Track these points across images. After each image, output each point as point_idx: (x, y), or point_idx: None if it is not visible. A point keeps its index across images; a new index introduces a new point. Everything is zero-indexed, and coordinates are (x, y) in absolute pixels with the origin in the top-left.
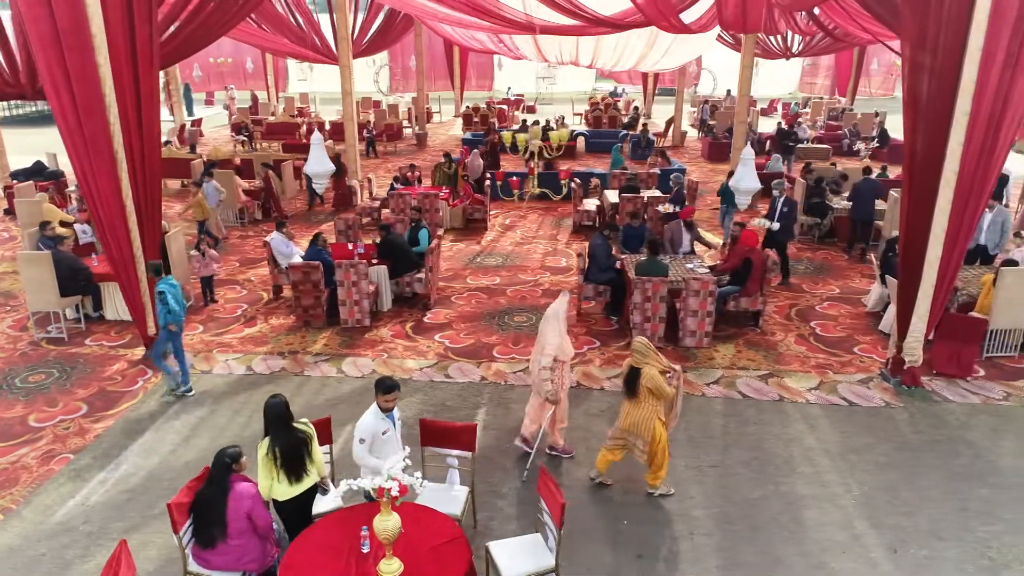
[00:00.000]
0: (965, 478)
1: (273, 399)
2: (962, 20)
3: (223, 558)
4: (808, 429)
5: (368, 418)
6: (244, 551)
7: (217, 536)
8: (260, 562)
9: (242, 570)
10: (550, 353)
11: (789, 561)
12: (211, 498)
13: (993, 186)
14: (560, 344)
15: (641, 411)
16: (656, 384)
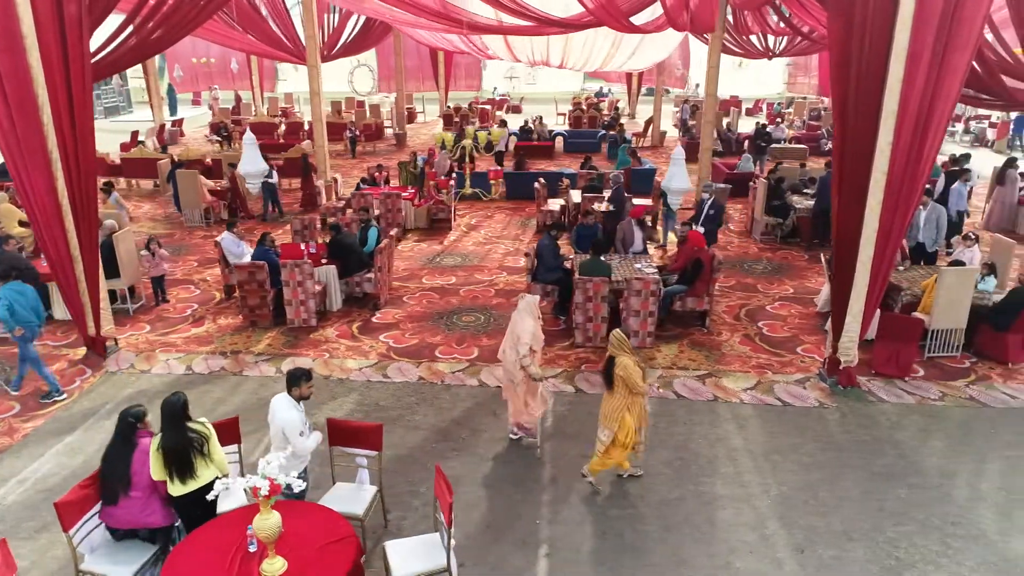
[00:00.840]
0: (886, 478)
1: (171, 397)
2: (886, 19)
3: (125, 512)
4: (737, 429)
5: (290, 411)
6: (146, 505)
7: (120, 490)
8: (164, 518)
9: (145, 525)
10: (526, 342)
11: (695, 561)
12: (116, 454)
13: (923, 185)
14: (535, 333)
15: (613, 401)
16: (628, 374)
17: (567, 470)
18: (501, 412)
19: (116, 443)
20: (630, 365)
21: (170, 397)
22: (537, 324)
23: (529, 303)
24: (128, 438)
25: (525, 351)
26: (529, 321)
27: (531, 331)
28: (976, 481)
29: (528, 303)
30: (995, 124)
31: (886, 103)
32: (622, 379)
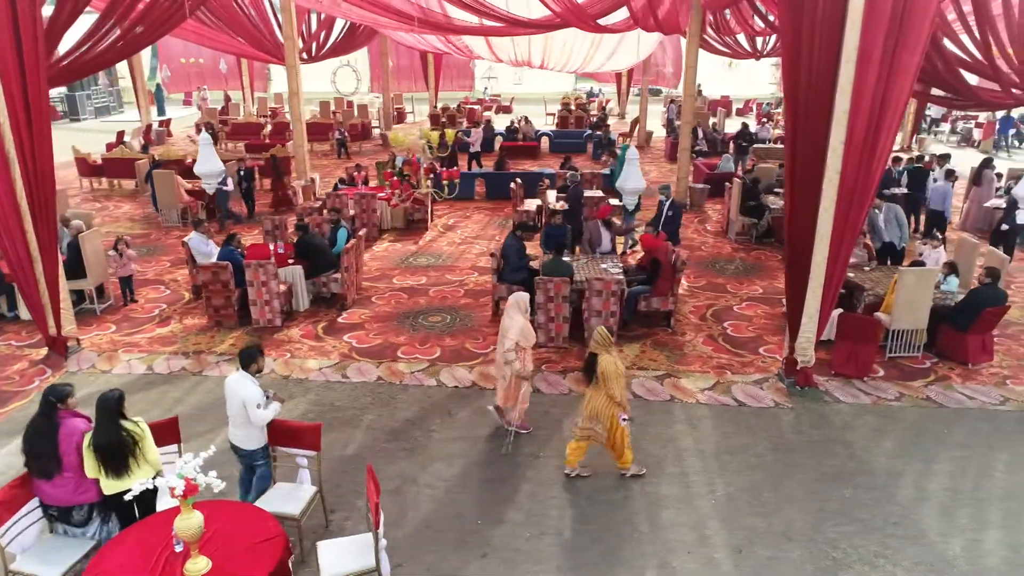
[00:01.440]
0: (833, 479)
1: (107, 393)
2: (837, 19)
3: (61, 490)
4: (689, 430)
5: (249, 385)
6: (79, 483)
7: (53, 470)
8: (99, 494)
9: (81, 503)
10: (512, 338)
11: (633, 562)
12: (35, 431)
13: (876, 185)
14: (522, 329)
15: (600, 397)
16: (607, 375)
17: (516, 471)
18: (456, 412)
19: (36, 419)
20: (611, 363)
21: (105, 393)
22: (527, 321)
23: (518, 300)
24: (48, 415)
25: (510, 346)
26: (518, 318)
27: (519, 327)
28: (923, 481)
29: (517, 300)
30: (981, 124)
31: (838, 103)
32: (604, 375)
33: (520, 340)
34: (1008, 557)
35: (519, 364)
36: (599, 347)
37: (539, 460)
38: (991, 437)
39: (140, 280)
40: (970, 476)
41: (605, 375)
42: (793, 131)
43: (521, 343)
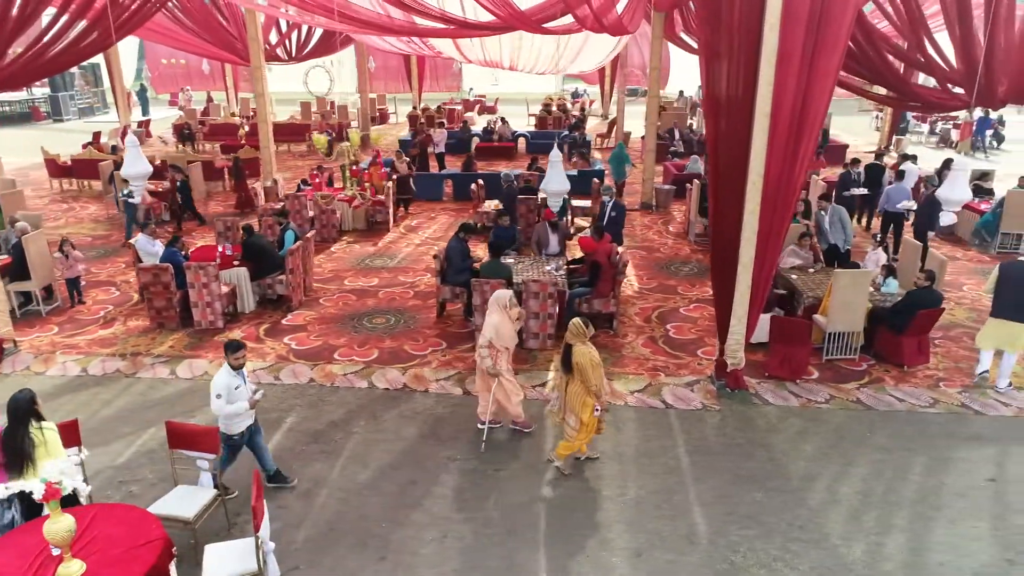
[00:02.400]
0: (747, 482)
1: (18, 394)
2: (755, 21)
3: None
4: (612, 432)
5: (222, 376)
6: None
7: None
8: None
9: None
10: (486, 334)
11: (529, 565)
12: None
13: (800, 187)
14: (497, 326)
15: (575, 387)
16: (583, 361)
17: (430, 474)
18: (382, 414)
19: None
20: (586, 354)
21: (16, 394)
22: (504, 318)
23: (497, 297)
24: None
25: (483, 343)
26: (495, 315)
27: (494, 325)
28: (836, 485)
29: (496, 297)
30: (959, 125)
31: (759, 105)
32: (579, 366)
33: (493, 338)
34: (907, 561)
35: (490, 361)
36: (574, 338)
37: (455, 463)
38: (913, 440)
39: (93, 281)
40: (885, 479)
41: (580, 366)
42: (715, 133)
43: (495, 341)
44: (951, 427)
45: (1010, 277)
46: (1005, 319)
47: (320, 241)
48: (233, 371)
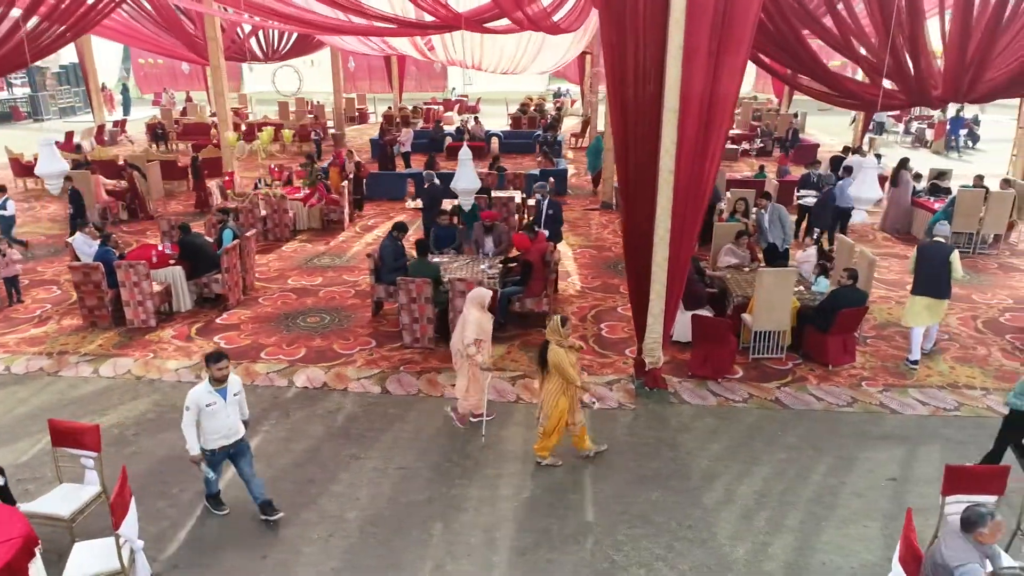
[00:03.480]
0: (647, 481)
1: None
2: (659, 17)
3: None
4: (523, 431)
5: (197, 389)
6: None
7: None
8: None
9: None
10: (471, 333)
11: (410, 565)
12: None
13: (711, 183)
14: (479, 322)
15: (550, 384)
16: (558, 360)
17: (328, 472)
18: (295, 412)
19: None
20: (561, 352)
21: None
22: (483, 315)
23: (475, 294)
24: None
25: (470, 340)
26: (474, 312)
27: (475, 321)
28: (735, 484)
29: (474, 294)
30: (933, 125)
31: (667, 102)
32: (555, 365)
33: (479, 334)
34: (790, 561)
35: (481, 356)
36: (549, 334)
37: (357, 461)
38: (823, 439)
39: (37, 280)
40: (786, 479)
41: (554, 364)
42: (623, 131)
43: (479, 336)
44: (864, 426)
45: (926, 257)
46: (923, 295)
47: (274, 240)
48: (213, 386)
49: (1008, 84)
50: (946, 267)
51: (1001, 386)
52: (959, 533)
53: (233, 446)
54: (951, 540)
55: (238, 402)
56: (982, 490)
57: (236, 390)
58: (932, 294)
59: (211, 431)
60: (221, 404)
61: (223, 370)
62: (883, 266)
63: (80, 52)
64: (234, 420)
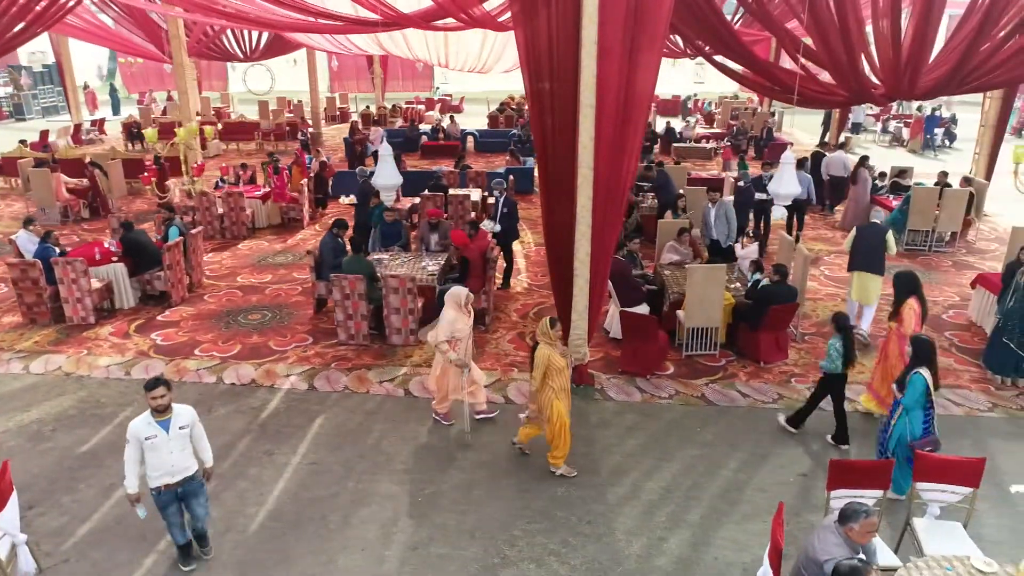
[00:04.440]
0: (555, 476)
1: None
2: (571, 13)
3: None
4: (439, 427)
5: (137, 419)
6: None
7: None
8: None
9: None
10: (444, 330)
11: (301, 559)
12: None
13: (631, 179)
14: (453, 321)
15: (545, 391)
16: (538, 359)
17: (239, 468)
18: (218, 409)
19: None
20: (544, 355)
21: None
22: (459, 314)
23: (451, 293)
24: None
25: (442, 338)
26: (449, 312)
27: (450, 320)
28: (643, 480)
29: (450, 293)
30: (910, 124)
31: (584, 98)
32: (536, 366)
33: (452, 333)
34: (683, 556)
35: (452, 354)
36: (541, 336)
37: (270, 457)
38: (740, 435)
39: None
40: (694, 475)
41: (536, 361)
42: (541, 130)
43: (455, 334)
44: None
45: (863, 236)
46: (859, 271)
47: (231, 238)
48: (154, 417)
49: (948, 81)
50: (882, 245)
51: None
52: (833, 527)
53: (180, 485)
54: (823, 534)
55: (188, 436)
56: (866, 485)
57: (184, 423)
58: (868, 270)
59: (153, 467)
60: (163, 438)
61: (158, 399)
62: (837, 264)
63: (57, 51)
64: (180, 457)
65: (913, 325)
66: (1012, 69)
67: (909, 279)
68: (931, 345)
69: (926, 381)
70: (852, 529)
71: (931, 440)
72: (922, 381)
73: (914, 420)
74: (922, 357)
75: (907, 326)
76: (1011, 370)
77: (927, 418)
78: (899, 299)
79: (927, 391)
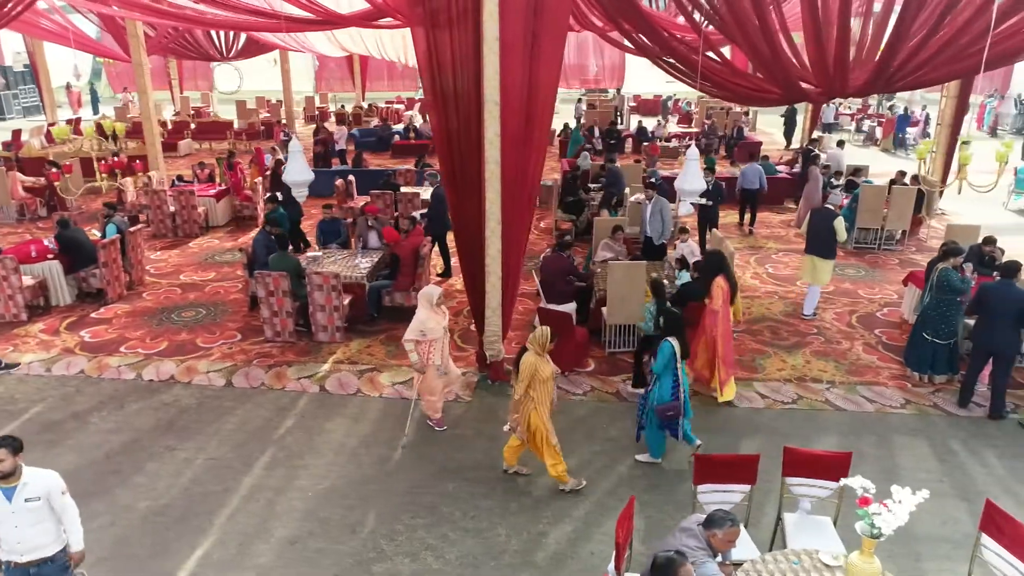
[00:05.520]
0: (450, 472)
1: None
2: (471, 10)
3: None
4: (350, 423)
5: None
6: None
7: None
8: None
9: None
10: (413, 329)
11: (176, 552)
12: None
13: (539, 174)
14: (424, 321)
15: (526, 402)
16: (525, 371)
17: (135, 463)
18: (130, 405)
19: None
20: (529, 363)
21: None
22: (431, 314)
23: (424, 293)
24: None
25: (409, 337)
26: (421, 311)
27: (421, 320)
28: (538, 477)
29: (423, 293)
30: (882, 123)
31: (487, 94)
32: (521, 370)
33: (420, 333)
34: (559, 551)
35: (415, 355)
36: (530, 343)
37: (171, 452)
38: None
39: None
40: (590, 470)
41: (521, 368)
42: (445, 127)
43: (428, 335)
44: (694, 419)
45: (815, 222)
46: (812, 255)
47: (183, 236)
48: None
49: (876, 80)
50: (831, 232)
51: (850, 380)
52: (696, 530)
53: (34, 565)
54: (683, 536)
55: (43, 511)
56: (733, 479)
57: (34, 494)
58: (819, 254)
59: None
60: (5, 509)
61: None
62: (781, 262)
63: (31, 51)
64: (31, 533)
65: (720, 301)
66: (938, 67)
67: (716, 260)
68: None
69: (672, 348)
70: (715, 535)
71: (672, 406)
72: (669, 347)
73: (664, 386)
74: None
75: (716, 302)
76: (927, 367)
77: (674, 384)
78: (708, 278)
79: (673, 356)
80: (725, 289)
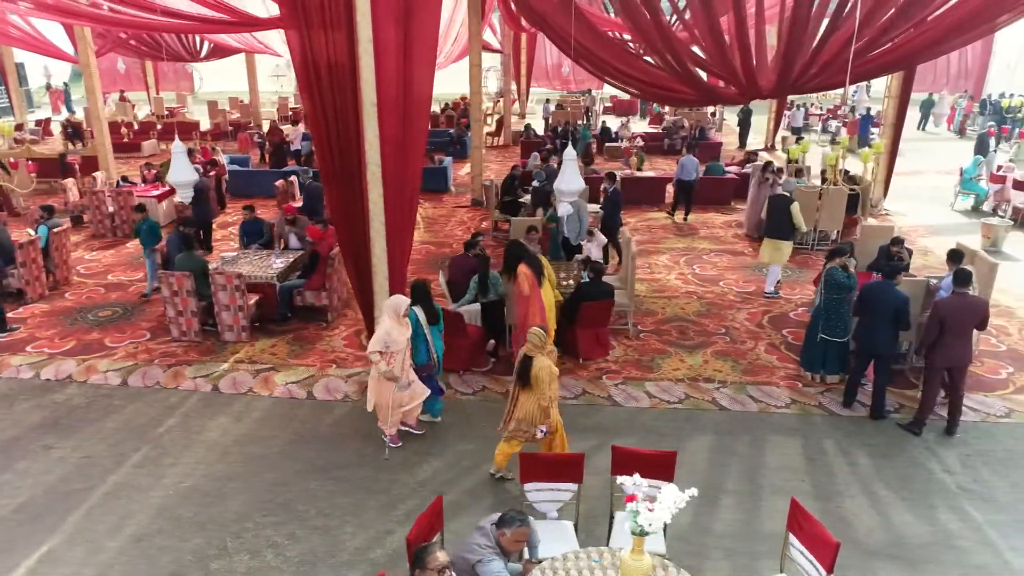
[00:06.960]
0: (316, 471)
1: None
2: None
3: None
4: (231, 421)
5: None
6: None
7: None
8: None
9: None
10: (378, 338)
11: (21, 549)
12: None
13: (419, 175)
14: (389, 332)
15: (532, 401)
16: (549, 375)
17: (11, 460)
18: (20, 404)
19: None
20: (546, 369)
21: None
22: (396, 325)
23: (391, 304)
24: None
25: (373, 348)
26: (386, 320)
27: (386, 330)
28: (402, 474)
29: (390, 304)
30: (847, 124)
31: (365, 95)
32: (537, 379)
33: (385, 344)
34: (399, 550)
35: (384, 365)
36: (535, 349)
37: (48, 451)
38: None
39: None
40: (456, 470)
41: (538, 379)
42: (323, 128)
43: (391, 347)
44: (576, 419)
45: (773, 206)
46: (770, 238)
47: (123, 236)
48: None
49: (782, 84)
50: (787, 215)
51: (743, 380)
52: (488, 529)
53: None
54: (477, 534)
55: None
56: (560, 478)
57: None
58: (777, 237)
59: None
60: None
61: None
62: (711, 262)
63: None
64: None
65: (527, 286)
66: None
67: (515, 251)
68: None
69: (416, 316)
70: (504, 535)
71: (426, 366)
72: (412, 315)
73: (418, 349)
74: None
75: (523, 287)
76: (819, 366)
77: (425, 347)
78: (512, 266)
79: (417, 323)
80: (528, 273)
